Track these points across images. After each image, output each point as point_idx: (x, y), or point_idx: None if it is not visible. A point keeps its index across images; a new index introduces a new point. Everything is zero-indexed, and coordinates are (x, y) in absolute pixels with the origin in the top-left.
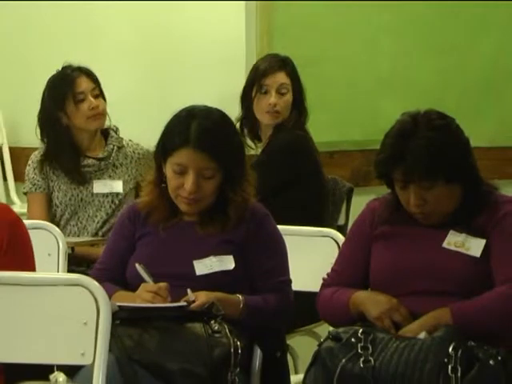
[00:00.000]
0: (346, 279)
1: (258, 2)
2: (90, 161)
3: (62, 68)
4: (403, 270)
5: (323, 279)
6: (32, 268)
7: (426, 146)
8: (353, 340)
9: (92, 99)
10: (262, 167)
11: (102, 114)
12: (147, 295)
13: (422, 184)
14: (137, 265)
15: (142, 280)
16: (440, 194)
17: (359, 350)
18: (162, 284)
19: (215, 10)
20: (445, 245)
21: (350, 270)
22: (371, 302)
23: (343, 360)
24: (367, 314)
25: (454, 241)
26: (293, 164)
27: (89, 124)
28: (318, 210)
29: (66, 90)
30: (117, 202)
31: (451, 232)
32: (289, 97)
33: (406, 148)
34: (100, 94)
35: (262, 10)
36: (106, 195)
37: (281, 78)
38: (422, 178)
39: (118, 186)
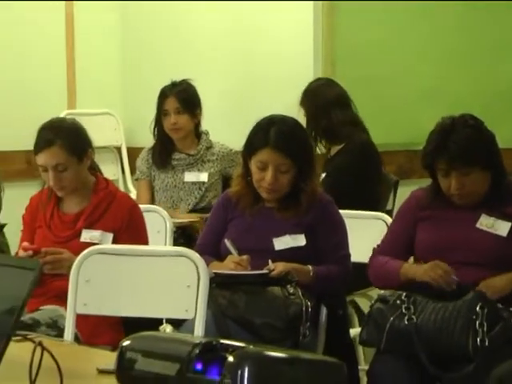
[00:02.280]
0: (391, 250)
1: (324, 26)
2: (182, 156)
3: (168, 85)
4: (443, 245)
5: (373, 249)
6: (146, 242)
7: (465, 138)
8: (398, 302)
9: (173, 116)
10: (344, 165)
11: (180, 129)
12: (231, 264)
13: (462, 171)
14: (226, 240)
15: (230, 253)
16: (476, 178)
17: (403, 310)
18: (245, 256)
19: (288, 35)
20: (477, 225)
21: (395, 244)
22: (419, 267)
23: (391, 318)
24: (418, 275)
25: (486, 222)
26: (367, 163)
27: (171, 134)
28: (374, 198)
29: (160, 105)
30: (203, 189)
31: (483, 215)
32: None
33: (448, 141)
34: (185, 111)
35: (326, 33)
36: (194, 183)
37: None
38: (463, 165)
39: (204, 177)
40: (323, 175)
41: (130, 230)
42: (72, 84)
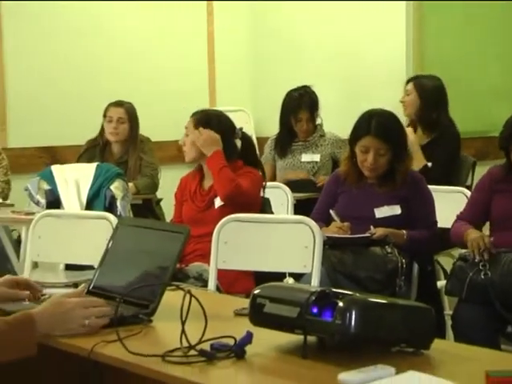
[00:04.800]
0: (470, 217)
1: (414, 36)
2: (300, 142)
3: (293, 89)
4: None
5: (456, 216)
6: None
7: None
8: (475, 260)
9: (305, 123)
10: (448, 156)
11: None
12: (335, 229)
13: None
14: (330, 210)
15: (335, 220)
16: None
17: (480, 267)
18: (346, 223)
19: (386, 45)
20: None
21: (473, 212)
22: (473, 234)
23: (470, 274)
24: (467, 240)
25: None
26: (458, 148)
27: (297, 129)
28: (457, 176)
29: (292, 111)
30: (316, 168)
31: None
32: None
33: None
34: (311, 115)
35: (416, 42)
36: (309, 163)
37: None
38: None
39: (317, 158)
40: (429, 164)
41: (247, 178)
42: (212, 86)
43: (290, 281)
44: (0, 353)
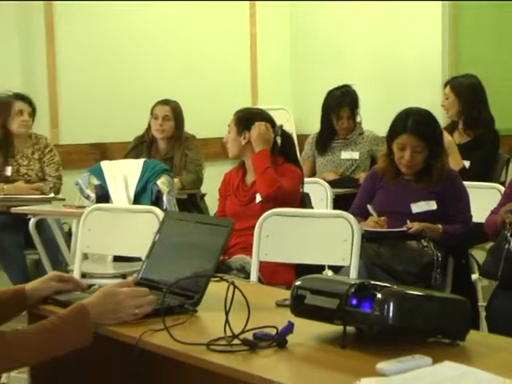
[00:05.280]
0: None
1: (450, 37)
2: (340, 140)
3: (334, 88)
4: None
5: (490, 211)
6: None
7: None
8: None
9: (345, 121)
10: (488, 155)
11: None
12: (371, 223)
13: None
14: (368, 205)
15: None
16: None
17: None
18: (382, 218)
19: (422, 48)
20: None
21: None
22: (506, 206)
23: (506, 246)
24: (501, 215)
25: None
26: (497, 147)
27: (337, 127)
28: (491, 172)
29: (334, 109)
30: (355, 165)
31: None
32: None
33: None
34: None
35: (451, 43)
36: (348, 160)
37: None
38: None
39: (355, 155)
40: (467, 163)
41: (289, 177)
42: (255, 85)
43: (328, 273)
44: (58, 347)
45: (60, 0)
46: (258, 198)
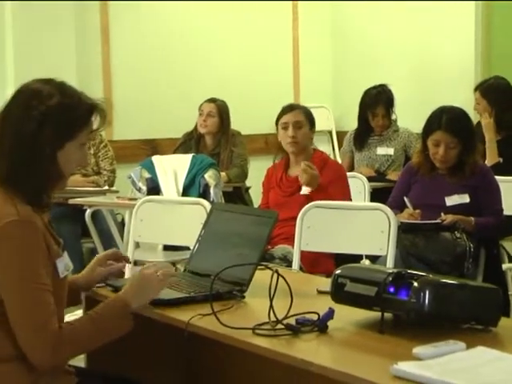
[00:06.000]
0: None
1: (483, 37)
2: (376, 137)
3: (371, 87)
4: None
5: None
6: (349, 196)
7: None
8: None
9: (381, 119)
10: None
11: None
12: (406, 215)
13: None
14: (404, 197)
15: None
16: None
17: None
18: (417, 210)
19: (456, 48)
20: None
21: None
22: None
23: None
24: None
25: None
26: None
27: (373, 124)
28: None
29: (369, 107)
30: (390, 160)
31: None
32: None
33: None
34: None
35: (484, 42)
36: (384, 155)
37: None
38: None
39: (390, 151)
40: (500, 160)
41: (337, 186)
42: (297, 85)
43: (366, 262)
44: (105, 337)
45: (114, 0)
46: (303, 191)
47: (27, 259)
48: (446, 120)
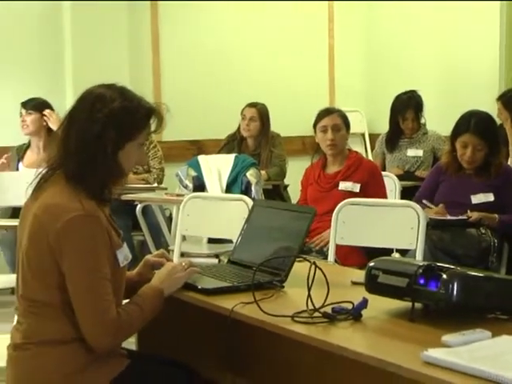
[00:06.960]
0: None
1: (507, 45)
2: (406, 139)
3: (402, 93)
4: None
5: None
6: (384, 193)
7: None
8: None
9: (410, 122)
10: None
11: (412, 126)
12: (431, 212)
13: None
14: (423, 200)
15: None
16: None
17: None
18: (440, 205)
19: (482, 56)
20: None
21: None
22: None
23: None
24: None
25: None
26: None
27: (404, 127)
28: None
29: (400, 111)
30: (419, 161)
31: None
32: None
33: None
34: (415, 115)
35: (508, 45)
36: (413, 157)
37: None
38: None
39: (420, 153)
40: None
41: (373, 184)
42: (332, 90)
43: (396, 255)
44: (147, 319)
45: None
46: (341, 187)
47: (92, 251)
48: (474, 123)
